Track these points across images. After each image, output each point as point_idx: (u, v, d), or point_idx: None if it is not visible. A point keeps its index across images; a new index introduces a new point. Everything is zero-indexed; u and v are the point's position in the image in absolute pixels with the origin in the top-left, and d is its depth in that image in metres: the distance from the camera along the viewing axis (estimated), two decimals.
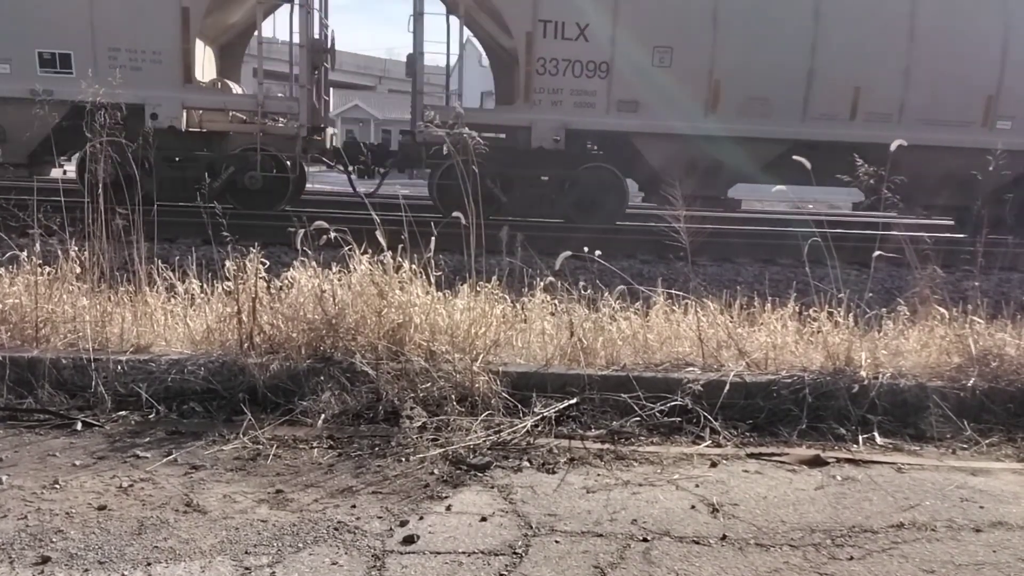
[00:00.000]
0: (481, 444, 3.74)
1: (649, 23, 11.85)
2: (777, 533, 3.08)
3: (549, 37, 11.78)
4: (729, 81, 12.03)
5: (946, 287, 5.19)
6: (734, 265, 10.76)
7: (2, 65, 11.33)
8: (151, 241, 5.42)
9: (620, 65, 11.91)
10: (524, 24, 11.84)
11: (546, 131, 11.98)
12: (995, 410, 4.35)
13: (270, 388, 4.19)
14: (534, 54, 11.81)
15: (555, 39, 11.79)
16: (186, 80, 11.75)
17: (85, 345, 4.42)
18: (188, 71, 11.73)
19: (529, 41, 11.81)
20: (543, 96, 11.98)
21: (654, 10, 11.91)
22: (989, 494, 3.52)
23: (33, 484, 3.26)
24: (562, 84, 11.94)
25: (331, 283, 4.63)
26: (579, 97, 12.02)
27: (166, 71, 11.61)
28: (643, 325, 5.03)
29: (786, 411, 4.24)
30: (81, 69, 11.10)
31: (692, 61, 11.97)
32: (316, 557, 2.77)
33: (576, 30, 11.77)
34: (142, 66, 11.50)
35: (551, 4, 11.76)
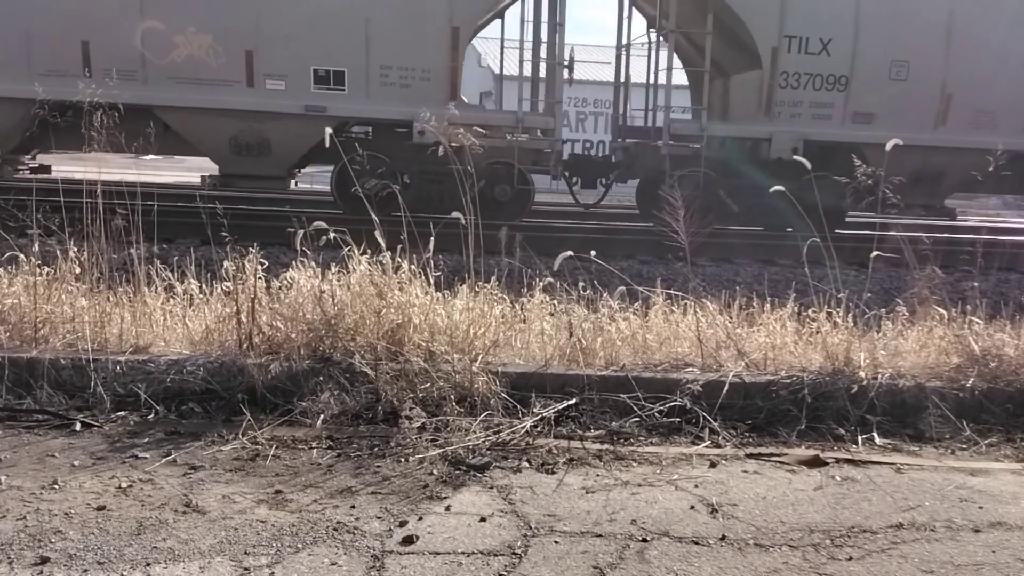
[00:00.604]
0: (480, 444, 3.74)
1: (888, 38, 12.28)
2: (776, 533, 3.08)
3: (793, 52, 12.26)
4: (959, 94, 12.49)
5: (945, 287, 5.19)
6: (733, 265, 10.76)
7: (277, 81, 11.65)
8: (150, 241, 5.41)
9: (858, 78, 12.37)
10: (770, 40, 12.26)
11: (785, 142, 12.36)
12: (994, 410, 4.35)
13: (269, 388, 4.18)
14: (778, 68, 12.28)
15: (798, 54, 12.26)
16: (451, 97, 12.06)
17: (84, 345, 4.42)
18: (454, 88, 12.08)
19: (774, 56, 12.26)
20: (783, 109, 12.42)
21: (893, 25, 12.31)
22: (988, 494, 3.52)
23: (32, 484, 3.26)
24: (802, 97, 12.41)
25: (330, 283, 4.63)
26: (817, 110, 12.50)
27: (434, 88, 11.92)
28: (642, 325, 5.03)
29: (785, 411, 4.24)
30: (353, 86, 11.67)
31: (926, 75, 12.42)
32: (315, 557, 2.77)
33: (819, 45, 12.26)
34: (411, 83, 11.85)
35: (796, 20, 12.20)
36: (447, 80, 11.89)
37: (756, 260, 10.99)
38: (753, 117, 12.67)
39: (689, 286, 5.24)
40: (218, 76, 11.40)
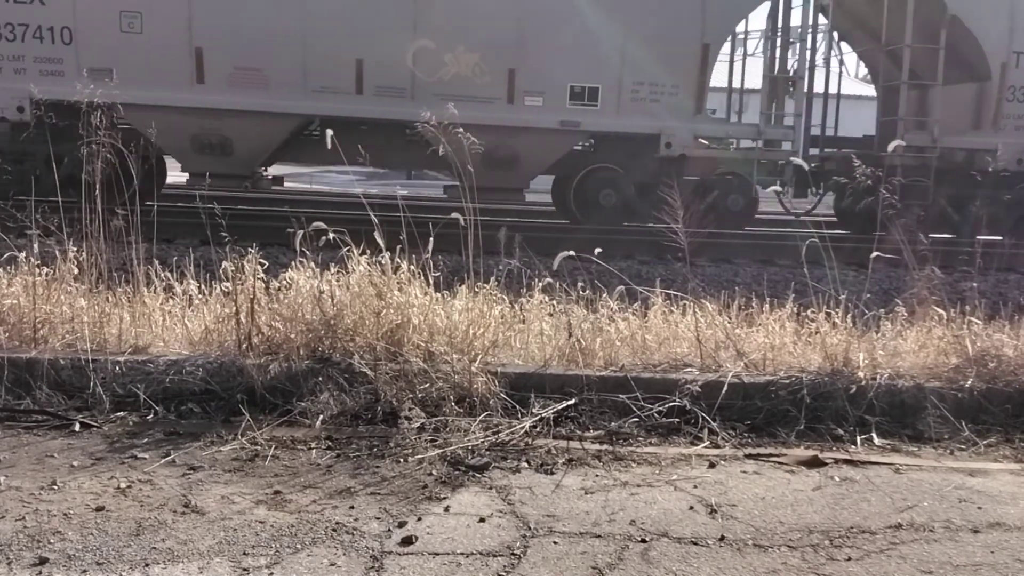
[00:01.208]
0: (479, 445, 3.74)
1: None
2: (775, 534, 3.08)
3: (1021, 67, 12.75)
4: None
5: (944, 287, 5.20)
6: (732, 266, 10.76)
7: (535, 98, 12.05)
8: (149, 242, 5.41)
9: None
10: (1000, 55, 12.69)
11: (1011, 154, 12.77)
12: (993, 411, 4.35)
13: (268, 389, 4.18)
14: (1006, 82, 12.74)
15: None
16: (697, 110, 12.46)
17: (83, 346, 4.42)
18: (700, 102, 12.45)
19: (1003, 71, 12.71)
20: (1009, 121, 12.89)
21: None
22: (987, 495, 3.52)
23: (31, 485, 3.26)
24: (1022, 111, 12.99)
25: (329, 284, 4.63)
26: None
27: (682, 103, 12.29)
28: (641, 326, 5.03)
29: (784, 412, 4.24)
30: (605, 102, 12.09)
31: None
32: (314, 558, 2.77)
33: None
34: (660, 98, 12.21)
35: None
36: (694, 95, 12.33)
37: (755, 260, 10.99)
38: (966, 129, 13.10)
39: (688, 286, 5.25)
40: (481, 93, 11.82)
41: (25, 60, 11.29)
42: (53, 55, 11.29)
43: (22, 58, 11.30)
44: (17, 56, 11.28)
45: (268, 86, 11.32)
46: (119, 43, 11.30)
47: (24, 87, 10.63)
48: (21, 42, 11.27)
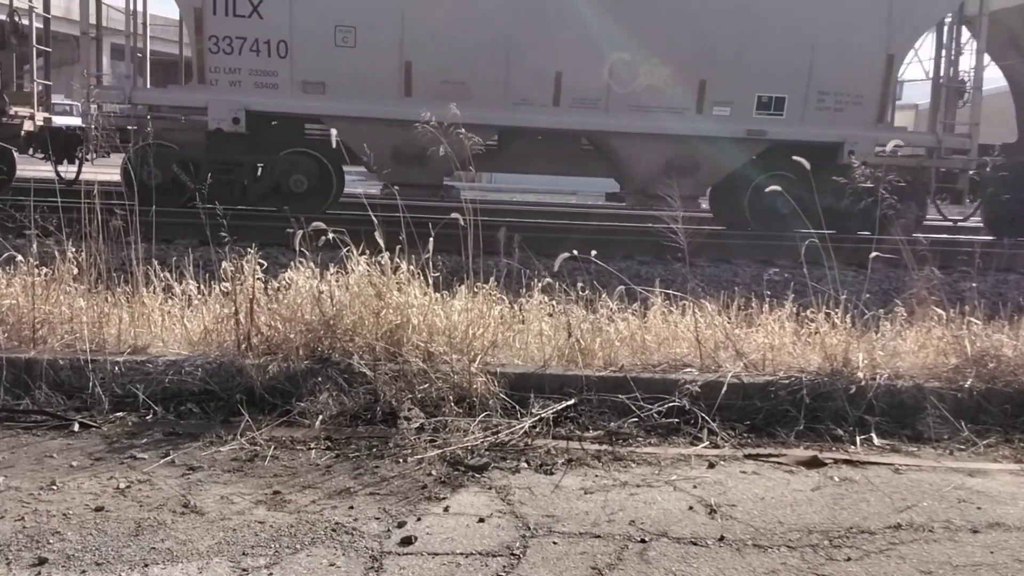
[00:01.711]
0: (479, 445, 3.74)
1: None
2: (775, 534, 3.08)
3: None
4: None
5: (943, 288, 5.20)
6: (731, 266, 10.76)
7: (723, 108, 12.31)
8: (148, 242, 5.41)
9: None
10: None
11: None
12: (992, 411, 4.35)
13: (268, 389, 4.18)
14: None
15: None
16: (879, 119, 12.65)
17: (82, 346, 4.42)
18: (882, 111, 12.69)
19: None
20: None
21: None
22: (986, 495, 3.52)
23: (30, 485, 3.26)
24: None
25: (329, 284, 4.63)
26: None
27: (864, 112, 12.51)
28: (641, 326, 5.03)
29: (784, 412, 4.24)
30: (791, 111, 12.37)
31: None
32: (313, 558, 2.77)
33: None
34: (844, 108, 12.42)
35: None
36: (877, 104, 12.51)
37: (754, 261, 10.99)
38: None
39: (688, 286, 5.25)
40: (671, 104, 12.12)
41: (241, 73, 11.62)
42: (268, 68, 11.70)
43: (238, 71, 11.61)
44: (234, 69, 11.59)
45: (471, 99, 11.38)
46: (333, 57, 11.62)
47: (240, 99, 11.47)
48: (238, 55, 11.56)
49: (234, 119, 11.47)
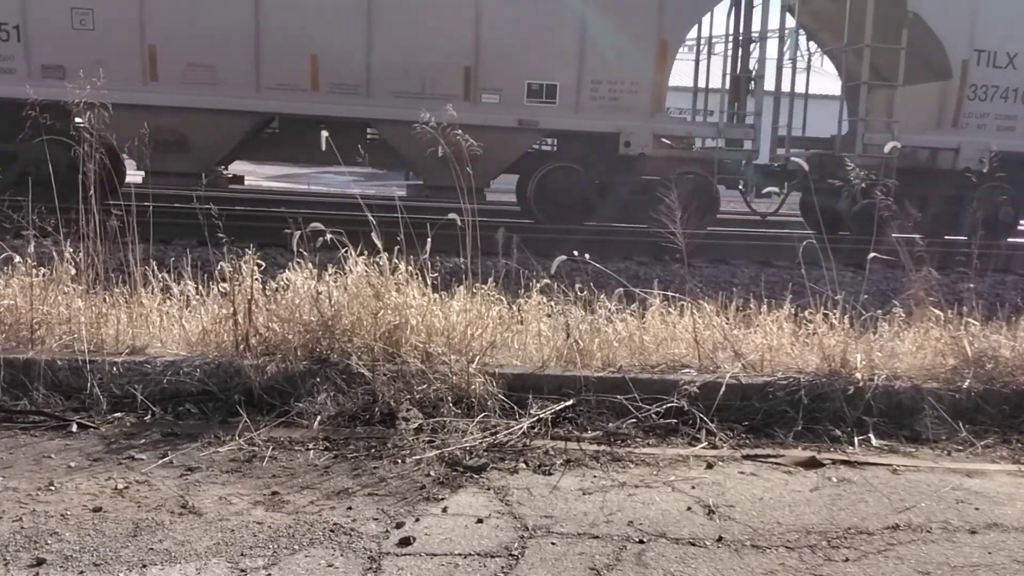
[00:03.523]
0: (477, 446, 3.74)
1: None
2: (773, 535, 3.08)
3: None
4: None
5: (942, 288, 5.20)
6: (730, 267, 10.77)
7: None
8: (146, 242, 5.41)
9: None
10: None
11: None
12: (990, 412, 4.36)
13: (266, 390, 4.18)
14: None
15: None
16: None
17: (80, 347, 4.41)
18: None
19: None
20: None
21: None
22: (984, 496, 3.53)
23: (28, 486, 3.26)
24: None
25: (327, 285, 4.63)
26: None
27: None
28: (639, 327, 5.03)
29: (782, 413, 4.25)
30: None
31: None
32: (312, 559, 2.77)
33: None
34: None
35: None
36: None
37: (753, 261, 11.01)
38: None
39: (686, 287, 5.25)
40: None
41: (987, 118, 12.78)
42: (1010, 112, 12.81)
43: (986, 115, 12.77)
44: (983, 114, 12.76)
45: None
46: None
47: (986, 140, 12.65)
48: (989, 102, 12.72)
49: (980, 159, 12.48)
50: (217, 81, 11.61)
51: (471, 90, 11.98)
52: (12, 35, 11.17)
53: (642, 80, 12.15)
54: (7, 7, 11.19)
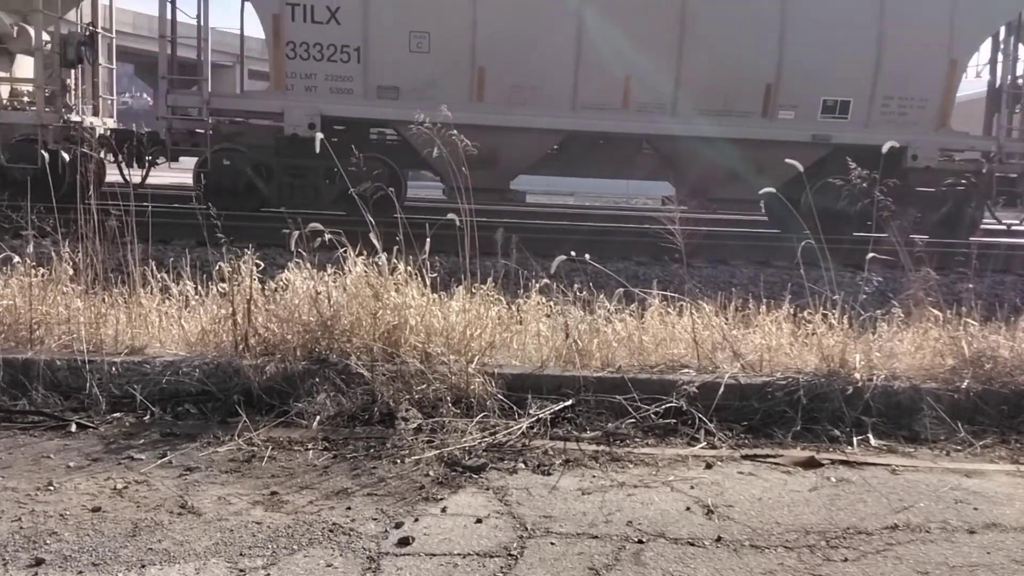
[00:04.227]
0: (476, 446, 3.74)
1: None
2: (772, 535, 3.08)
3: None
4: None
5: (941, 289, 5.20)
6: (729, 267, 10.78)
7: None
8: (145, 242, 5.41)
9: None
10: None
11: None
12: (989, 412, 4.36)
13: (265, 390, 4.18)
14: None
15: None
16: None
17: (79, 347, 4.41)
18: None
19: None
20: None
21: None
22: (983, 496, 3.53)
23: (27, 486, 3.25)
24: None
25: (326, 285, 4.63)
26: None
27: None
28: (638, 327, 5.03)
29: (781, 413, 4.25)
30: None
31: None
32: (311, 559, 2.77)
33: None
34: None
35: None
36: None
37: (752, 262, 11.01)
38: None
39: (685, 288, 5.25)
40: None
41: None
42: None
43: None
44: None
45: None
46: None
47: None
48: None
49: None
50: (537, 101, 12.17)
51: (769, 106, 12.52)
52: (353, 57, 11.79)
53: (931, 96, 12.63)
54: (352, 31, 11.77)
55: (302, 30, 11.65)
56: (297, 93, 11.94)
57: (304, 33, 11.67)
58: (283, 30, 11.63)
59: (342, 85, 11.95)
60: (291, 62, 11.76)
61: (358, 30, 11.71)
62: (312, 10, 11.59)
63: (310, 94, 11.97)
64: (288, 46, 11.70)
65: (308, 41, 11.70)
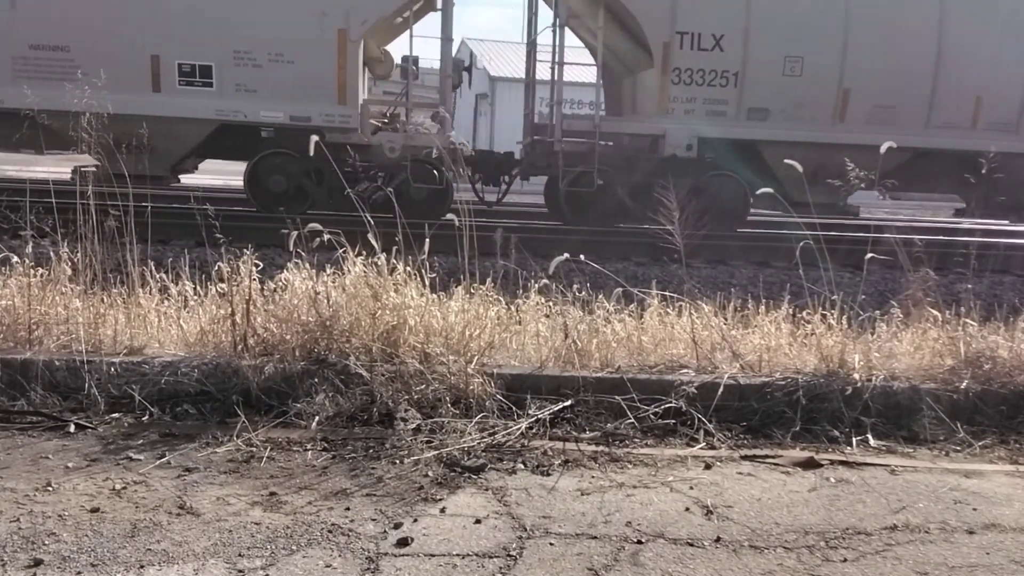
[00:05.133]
0: (475, 446, 3.74)
1: None
2: (771, 535, 3.08)
3: None
4: None
5: (939, 289, 5.20)
6: (728, 267, 10.78)
7: None
8: (144, 243, 5.40)
9: None
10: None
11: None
12: (988, 412, 4.36)
13: (264, 390, 4.18)
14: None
15: None
16: None
17: (78, 347, 4.40)
18: None
19: None
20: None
21: None
22: (982, 496, 3.53)
23: (26, 486, 3.25)
24: None
25: (325, 285, 4.62)
26: None
27: None
28: (637, 327, 5.03)
29: (780, 413, 4.25)
30: None
31: None
32: (310, 560, 2.77)
33: None
34: None
35: None
36: None
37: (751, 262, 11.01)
38: None
39: (684, 288, 5.25)
40: None
41: None
42: None
43: None
44: None
45: None
46: None
47: None
48: None
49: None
50: (894, 121, 12.64)
51: None
52: (731, 81, 12.49)
53: None
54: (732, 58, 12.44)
55: (688, 57, 12.48)
56: (677, 116, 12.67)
57: (689, 60, 12.48)
58: (671, 57, 12.46)
59: (717, 108, 12.68)
60: (674, 87, 12.57)
61: (738, 56, 12.47)
62: (699, 38, 12.42)
63: (688, 116, 12.71)
64: (674, 72, 12.53)
65: (692, 67, 12.51)
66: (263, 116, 11.70)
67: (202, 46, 11.49)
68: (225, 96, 11.58)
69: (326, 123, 11.72)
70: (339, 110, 11.79)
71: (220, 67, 11.55)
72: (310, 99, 11.67)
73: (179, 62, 11.48)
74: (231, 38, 11.48)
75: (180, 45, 11.46)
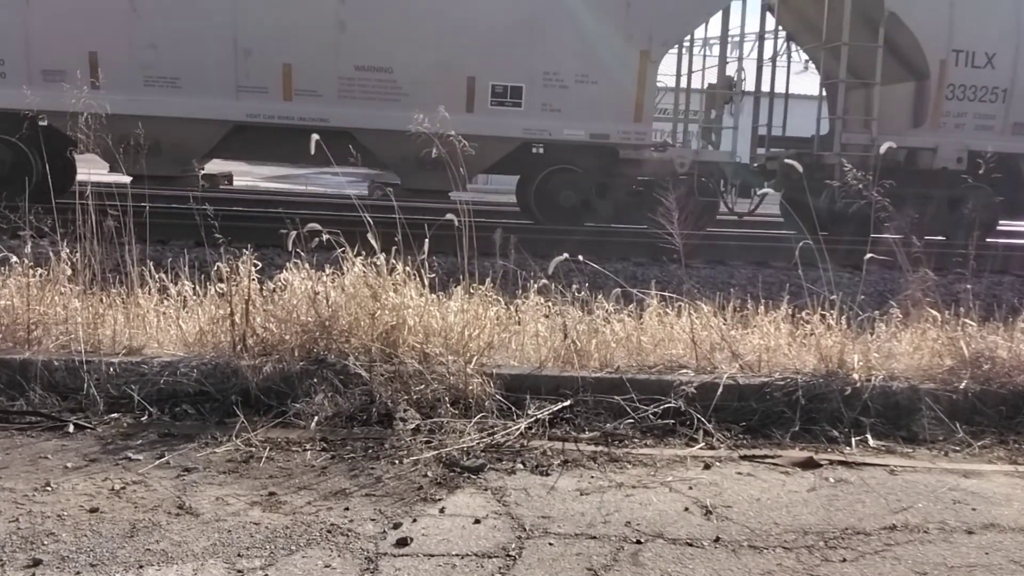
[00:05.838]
0: (475, 446, 3.74)
1: None
2: (770, 535, 3.08)
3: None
4: None
5: (939, 289, 5.21)
6: (727, 267, 10.78)
7: None
8: (143, 243, 5.40)
9: None
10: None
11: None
12: (987, 412, 4.36)
13: (263, 390, 4.18)
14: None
15: None
16: None
17: (77, 347, 4.40)
18: None
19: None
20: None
21: None
22: (981, 496, 3.53)
23: (24, 486, 3.25)
24: None
25: (324, 285, 4.62)
26: None
27: None
28: (637, 327, 5.03)
29: (779, 413, 4.25)
30: None
31: None
32: (309, 560, 2.77)
33: None
34: None
35: None
36: None
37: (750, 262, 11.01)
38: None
39: (684, 288, 5.25)
40: None
41: None
42: None
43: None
44: None
45: None
46: None
47: None
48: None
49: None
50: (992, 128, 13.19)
51: None
52: (1000, 97, 13.13)
53: None
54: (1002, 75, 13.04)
55: (962, 74, 12.97)
56: (947, 130, 13.12)
57: (963, 76, 12.98)
58: (947, 74, 12.94)
59: (984, 123, 13.18)
60: (948, 102, 13.05)
61: (1008, 73, 13.04)
62: (973, 56, 12.96)
63: (958, 131, 13.15)
64: (948, 88, 13.01)
65: (965, 84, 13.02)
66: (566, 134, 12.03)
67: (514, 68, 11.82)
68: (531, 115, 11.88)
69: (622, 140, 12.13)
70: (635, 127, 12.10)
71: (530, 88, 11.87)
72: (609, 117, 11.98)
73: (492, 83, 11.74)
74: (541, 60, 11.80)
75: (495, 67, 11.76)
